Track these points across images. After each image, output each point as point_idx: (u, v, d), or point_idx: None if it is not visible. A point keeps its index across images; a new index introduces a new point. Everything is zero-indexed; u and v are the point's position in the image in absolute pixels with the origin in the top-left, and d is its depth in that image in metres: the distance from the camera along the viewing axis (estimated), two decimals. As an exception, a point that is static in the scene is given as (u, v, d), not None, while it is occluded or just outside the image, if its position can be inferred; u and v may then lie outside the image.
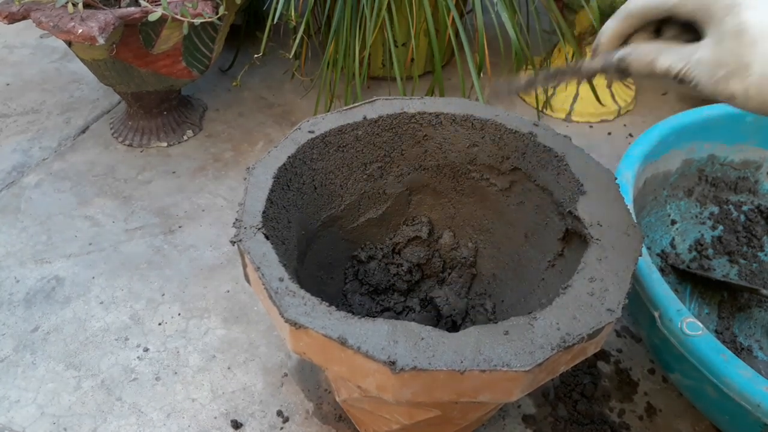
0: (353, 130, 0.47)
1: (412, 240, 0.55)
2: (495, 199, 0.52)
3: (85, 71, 0.96)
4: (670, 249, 0.64)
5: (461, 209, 0.55)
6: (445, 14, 0.77)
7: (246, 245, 0.37)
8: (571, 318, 0.34)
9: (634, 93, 0.94)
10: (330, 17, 0.80)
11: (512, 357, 0.32)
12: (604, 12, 0.78)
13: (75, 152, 0.81)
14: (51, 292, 0.63)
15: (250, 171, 0.42)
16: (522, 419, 0.52)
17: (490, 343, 0.32)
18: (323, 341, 0.32)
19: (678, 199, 0.65)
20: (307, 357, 0.35)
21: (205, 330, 0.59)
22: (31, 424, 0.51)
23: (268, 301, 0.34)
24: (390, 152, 0.50)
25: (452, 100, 0.50)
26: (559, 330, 0.33)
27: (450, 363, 0.31)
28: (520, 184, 0.50)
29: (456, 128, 0.50)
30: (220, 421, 0.52)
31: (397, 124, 0.49)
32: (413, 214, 0.55)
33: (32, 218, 0.71)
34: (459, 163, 0.52)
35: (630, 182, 0.55)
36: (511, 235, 0.52)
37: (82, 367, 0.56)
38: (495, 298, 0.54)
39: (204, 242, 0.69)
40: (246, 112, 0.90)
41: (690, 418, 0.53)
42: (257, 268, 0.36)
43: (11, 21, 0.63)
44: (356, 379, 0.33)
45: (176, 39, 0.71)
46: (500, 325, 0.34)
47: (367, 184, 0.51)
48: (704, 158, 0.65)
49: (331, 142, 0.47)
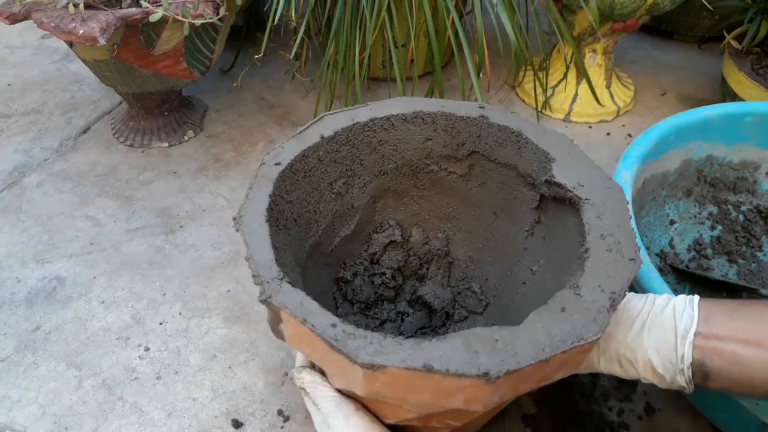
0: (314, 152, 0.46)
1: (387, 246, 0.55)
2: (455, 186, 0.53)
3: (87, 72, 0.97)
4: (669, 249, 0.64)
5: (424, 204, 0.55)
6: (445, 15, 0.77)
7: (279, 300, 0.34)
8: (607, 277, 0.36)
9: (633, 93, 0.94)
10: (330, 18, 0.81)
11: (582, 330, 0.33)
12: (603, 13, 0.78)
13: (76, 152, 0.82)
14: (52, 292, 0.63)
15: (239, 221, 0.40)
16: (522, 419, 0.52)
17: (556, 324, 0.33)
18: (405, 375, 0.31)
19: (677, 199, 0.66)
20: (381, 395, 0.33)
21: (206, 329, 0.59)
22: (32, 424, 0.52)
23: (330, 351, 0.32)
24: (351, 165, 0.50)
25: (396, 101, 0.50)
26: (603, 291, 0.35)
27: (535, 355, 0.32)
28: (479, 166, 0.51)
29: (408, 127, 0.50)
30: (220, 420, 0.52)
31: (353, 136, 0.48)
32: (379, 220, 0.55)
33: (33, 218, 0.71)
34: (416, 159, 0.52)
35: (629, 182, 0.55)
36: (479, 216, 0.54)
37: (83, 367, 0.56)
38: (478, 278, 0.55)
39: (205, 242, 0.69)
40: (247, 112, 0.90)
41: (689, 418, 0.53)
42: (303, 320, 0.33)
43: (12, 21, 0.64)
44: (440, 401, 0.32)
45: (177, 40, 0.71)
46: (551, 304, 0.35)
47: (336, 203, 0.51)
48: (703, 158, 0.65)
49: (298, 170, 0.46)
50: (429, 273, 0.56)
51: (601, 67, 0.89)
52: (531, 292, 0.48)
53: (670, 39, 1.14)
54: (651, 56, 1.08)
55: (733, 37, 0.88)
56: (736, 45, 0.88)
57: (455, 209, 0.55)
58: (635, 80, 0.99)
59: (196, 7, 0.66)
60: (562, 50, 0.89)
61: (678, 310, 0.38)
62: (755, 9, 0.86)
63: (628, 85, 0.95)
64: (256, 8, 1.03)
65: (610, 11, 0.78)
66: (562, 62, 0.90)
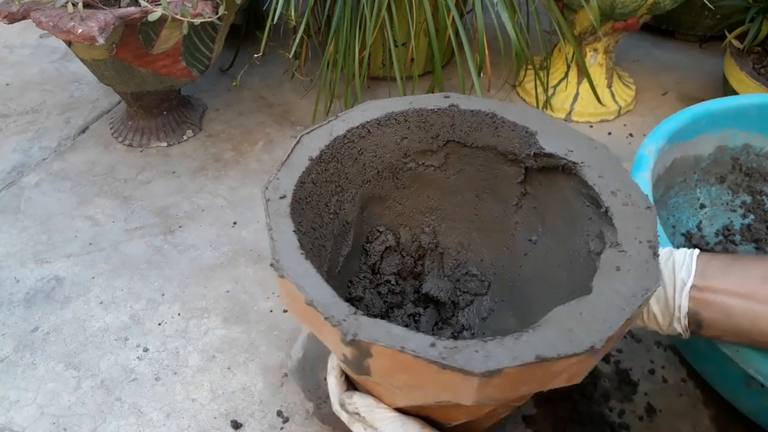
0: (308, 176, 0.46)
1: (384, 253, 0.55)
2: (434, 179, 0.54)
3: (85, 71, 0.96)
4: (696, 231, 0.65)
5: (406, 203, 0.55)
6: (445, 14, 0.77)
7: (368, 335, 0.32)
8: (637, 228, 0.39)
9: (634, 93, 0.94)
10: (330, 17, 0.80)
11: (643, 281, 0.35)
12: (604, 12, 0.78)
13: (75, 152, 0.81)
14: (51, 292, 0.63)
15: (278, 267, 0.37)
16: (522, 419, 0.52)
17: (620, 283, 0.35)
18: (519, 371, 0.32)
19: (709, 184, 0.66)
20: (491, 399, 0.33)
21: (204, 330, 0.59)
22: (30, 424, 0.51)
23: (436, 371, 0.32)
24: (339, 181, 0.50)
25: (366, 106, 0.50)
26: (641, 243, 0.38)
27: (618, 317, 0.33)
28: (455, 154, 0.52)
29: (383, 130, 0.50)
30: (219, 421, 0.52)
31: (336, 151, 0.48)
32: (368, 229, 0.55)
33: (32, 218, 0.71)
34: (395, 161, 0.52)
35: (652, 154, 0.56)
36: (460, 201, 0.54)
37: (81, 367, 0.56)
38: (472, 261, 0.56)
39: (204, 242, 0.69)
40: (246, 111, 0.90)
41: (690, 418, 0.53)
42: (402, 348, 0.32)
43: (11, 21, 0.63)
44: (545, 385, 0.34)
45: (176, 39, 0.71)
46: (604, 267, 0.36)
47: (334, 222, 0.50)
48: (739, 147, 0.65)
49: (301, 198, 0.45)
50: (425, 269, 0.57)
51: (602, 67, 0.88)
52: (538, 261, 0.50)
53: (672, 38, 1.13)
54: (652, 55, 1.08)
55: (734, 37, 0.88)
56: (737, 44, 0.87)
57: (436, 201, 0.55)
58: (636, 79, 0.99)
59: (195, 6, 0.66)
60: (563, 49, 0.89)
61: (678, 263, 0.41)
62: (756, 8, 0.86)
63: (629, 84, 0.95)
64: (255, 7, 1.03)
65: (611, 10, 0.77)
66: (563, 61, 0.90)
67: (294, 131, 0.86)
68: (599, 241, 0.42)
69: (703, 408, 0.54)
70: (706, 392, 0.55)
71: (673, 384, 0.55)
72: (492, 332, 0.53)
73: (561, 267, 0.48)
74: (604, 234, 0.41)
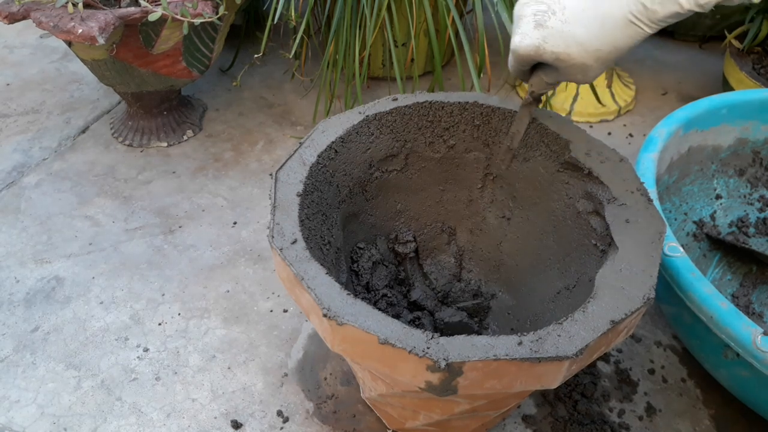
0: (303, 212, 0.44)
1: (372, 267, 0.55)
2: (397, 182, 0.56)
3: (86, 71, 0.96)
4: (710, 221, 0.65)
5: (376, 212, 0.56)
6: (445, 14, 0.77)
7: (460, 355, 0.33)
8: (623, 181, 0.42)
9: (634, 93, 0.94)
10: (330, 17, 0.80)
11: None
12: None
13: (75, 152, 0.82)
14: (51, 292, 0.63)
15: (331, 314, 0.35)
16: (522, 419, 0.52)
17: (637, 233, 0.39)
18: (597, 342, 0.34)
19: (727, 176, 0.66)
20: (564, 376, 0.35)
21: (205, 330, 0.59)
22: (31, 424, 0.51)
23: (526, 366, 0.33)
24: (324, 210, 0.49)
25: (324, 125, 0.49)
26: (625, 181, 0.41)
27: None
28: (414, 154, 0.55)
29: (348, 146, 0.51)
30: (220, 421, 0.52)
31: (315, 181, 0.47)
32: (349, 248, 0.55)
33: (32, 218, 0.71)
34: (362, 174, 0.53)
35: (662, 137, 0.57)
36: (425, 198, 0.57)
37: (82, 367, 0.56)
38: (450, 252, 0.58)
39: (204, 242, 0.69)
40: (246, 112, 0.90)
41: (690, 418, 0.53)
42: (495, 356, 0.33)
43: (11, 21, 0.64)
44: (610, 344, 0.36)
45: (176, 39, 0.71)
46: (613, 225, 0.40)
47: (330, 253, 0.49)
48: (760, 140, 0.65)
49: (307, 239, 0.43)
50: (408, 273, 0.57)
51: (601, 67, 0.88)
52: (518, 236, 0.53)
53: (671, 38, 1.13)
54: (652, 56, 1.08)
55: (734, 37, 0.88)
56: (737, 45, 0.87)
57: (403, 203, 0.56)
58: (636, 80, 0.99)
59: (196, 6, 0.66)
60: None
61: None
62: (756, 9, 0.86)
63: (629, 84, 0.95)
64: (255, 7, 1.03)
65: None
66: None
67: (294, 131, 0.86)
68: (587, 201, 0.44)
69: (703, 408, 0.54)
70: (706, 392, 0.55)
71: (673, 384, 0.55)
72: (493, 312, 0.55)
73: (545, 234, 0.50)
74: (593, 193, 0.42)
